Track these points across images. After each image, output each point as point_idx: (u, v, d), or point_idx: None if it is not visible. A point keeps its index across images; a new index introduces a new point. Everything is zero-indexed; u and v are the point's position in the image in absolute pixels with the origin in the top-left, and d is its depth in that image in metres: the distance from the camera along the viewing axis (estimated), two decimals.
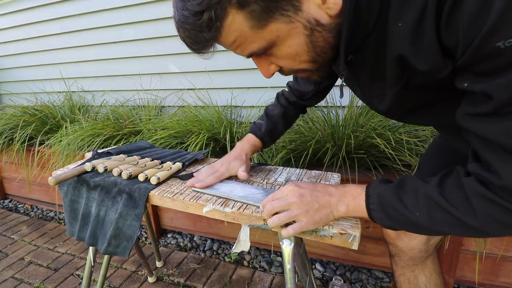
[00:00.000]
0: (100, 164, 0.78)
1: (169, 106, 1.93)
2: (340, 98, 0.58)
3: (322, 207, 0.53)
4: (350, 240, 0.53)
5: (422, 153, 0.82)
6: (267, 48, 0.43)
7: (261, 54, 0.46)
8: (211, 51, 0.45)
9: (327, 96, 0.83)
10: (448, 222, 0.42)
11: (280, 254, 1.40)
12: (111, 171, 0.78)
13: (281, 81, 1.59)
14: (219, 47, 0.45)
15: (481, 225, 0.39)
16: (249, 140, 0.82)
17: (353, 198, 0.52)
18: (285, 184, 0.75)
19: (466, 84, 0.35)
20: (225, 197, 0.66)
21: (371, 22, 0.40)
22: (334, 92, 1.44)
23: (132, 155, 0.89)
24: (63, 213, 1.93)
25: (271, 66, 0.48)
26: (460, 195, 0.40)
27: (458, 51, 0.33)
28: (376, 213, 0.48)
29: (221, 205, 0.62)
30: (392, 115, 0.58)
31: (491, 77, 0.32)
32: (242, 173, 0.73)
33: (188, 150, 1.23)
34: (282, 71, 0.50)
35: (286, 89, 0.87)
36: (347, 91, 0.76)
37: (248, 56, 0.46)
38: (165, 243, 1.55)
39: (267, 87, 1.64)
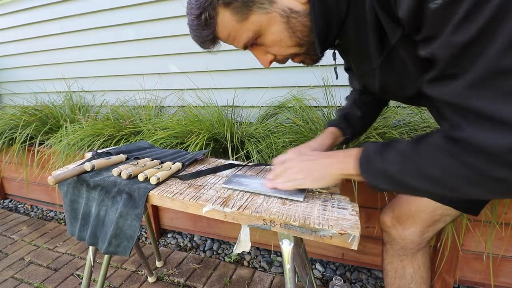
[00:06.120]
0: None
1: (169, 106, 1.93)
2: (336, 79, 0.64)
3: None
4: (349, 240, 0.53)
5: None
6: (255, 37, 0.51)
7: (255, 45, 0.54)
8: (216, 48, 0.56)
9: (327, 96, 0.83)
10: (415, 174, 0.42)
11: (280, 254, 1.40)
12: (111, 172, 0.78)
13: (281, 81, 1.61)
14: (221, 46, 0.56)
15: (443, 175, 0.39)
16: (327, 130, 0.80)
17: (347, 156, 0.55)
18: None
19: (421, 52, 0.37)
20: (258, 193, 0.67)
21: (343, 5, 0.46)
22: (334, 92, 1.44)
23: (132, 155, 0.89)
24: (63, 213, 1.93)
25: (267, 55, 0.56)
26: (428, 148, 0.41)
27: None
28: (362, 168, 0.51)
29: (220, 205, 0.62)
30: (389, 94, 0.60)
31: (432, 40, 0.34)
32: None
33: (188, 150, 1.23)
34: (277, 59, 0.56)
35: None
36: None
37: (244, 48, 0.54)
38: (165, 243, 1.55)
39: (268, 87, 1.64)
